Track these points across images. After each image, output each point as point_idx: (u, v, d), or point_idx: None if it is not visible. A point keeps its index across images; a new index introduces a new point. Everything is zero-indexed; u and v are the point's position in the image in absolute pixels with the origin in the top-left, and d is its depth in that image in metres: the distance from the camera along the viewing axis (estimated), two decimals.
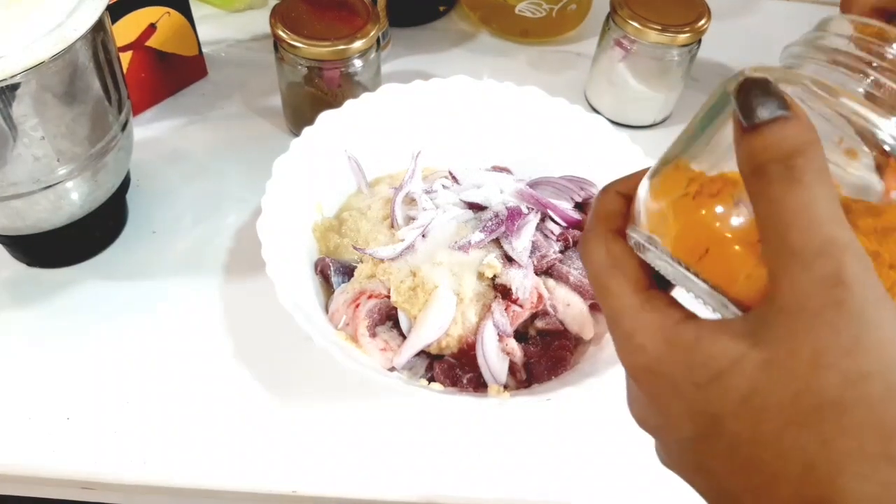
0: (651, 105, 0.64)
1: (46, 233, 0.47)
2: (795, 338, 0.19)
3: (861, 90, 0.21)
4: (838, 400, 0.18)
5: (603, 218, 0.25)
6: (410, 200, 0.50)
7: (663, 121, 0.66)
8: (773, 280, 0.20)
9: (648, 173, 0.25)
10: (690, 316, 0.22)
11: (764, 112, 0.20)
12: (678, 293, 0.24)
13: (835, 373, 0.18)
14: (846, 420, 0.18)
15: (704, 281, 0.22)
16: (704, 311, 0.23)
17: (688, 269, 0.22)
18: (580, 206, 0.52)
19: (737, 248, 0.21)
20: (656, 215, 0.23)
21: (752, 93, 0.20)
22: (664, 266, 0.23)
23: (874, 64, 0.21)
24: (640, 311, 0.23)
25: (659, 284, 0.24)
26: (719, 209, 0.21)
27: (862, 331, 0.18)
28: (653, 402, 0.22)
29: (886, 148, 0.20)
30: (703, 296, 0.22)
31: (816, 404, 0.19)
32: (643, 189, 0.24)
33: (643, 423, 0.24)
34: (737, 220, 0.21)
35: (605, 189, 0.27)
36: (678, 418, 0.21)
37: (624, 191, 0.26)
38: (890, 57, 0.21)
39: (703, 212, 0.22)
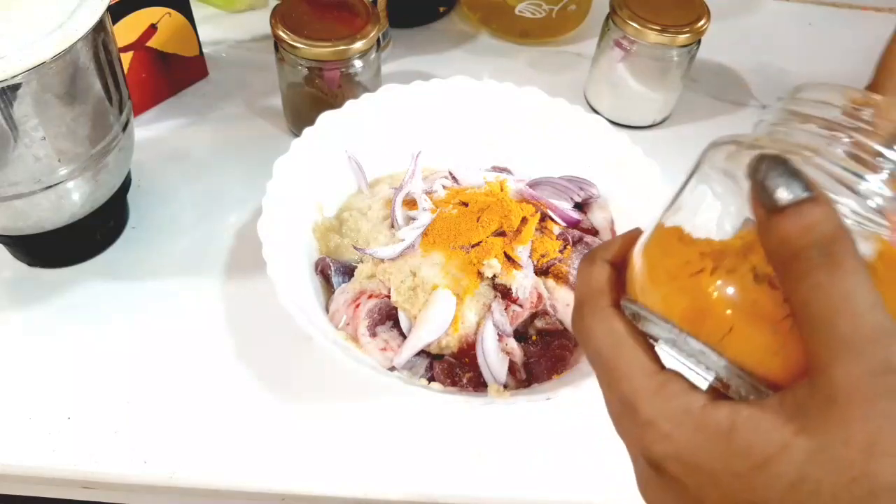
0: (651, 105, 0.64)
1: (47, 233, 0.47)
2: (849, 426, 0.19)
3: (840, 150, 0.21)
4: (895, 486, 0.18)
5: (597, 292, 0.24)
6: (410, 200, 0.50)
7: (663, 121, 0.66)
8: (819, 367, 0.19)
9: (642, 242, 0.23)
10: (716, 398, 0.21)
11: (787, 194, 0.20)
12: (670, 360, 0.23)
13: (892, 460, 0.18)
14: None
15: (728, 360, 0.21)
16: (702, 382, 0.22)
17: (709, 348, 0.21)
18: (580, 206, 0.52)
19: (765, 326, 0.20)
20: (665, 293, 0.22)
21: (770, 173, 0.20)
22: (674, 342, 0.22)
23: (855, 126, 0.21)
24: (658, 395, 0.22)
25: None
26: (741, 288, 0.21)
27: None
28: (683, 492, 0.21)
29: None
30: (725, 373, 0.21)
31: (872, 490, 0.18)
32: (640, 261, 0.23)
33: None
34: (761, 299, 0.20)
35: (591, 258, 0.25)
36: None
37: (612, 259, 0.25)
38: (865, 119, 0.21)
39: (725, 292, 0.21)
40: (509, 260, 0.46)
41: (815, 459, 0.19)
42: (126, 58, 0.58)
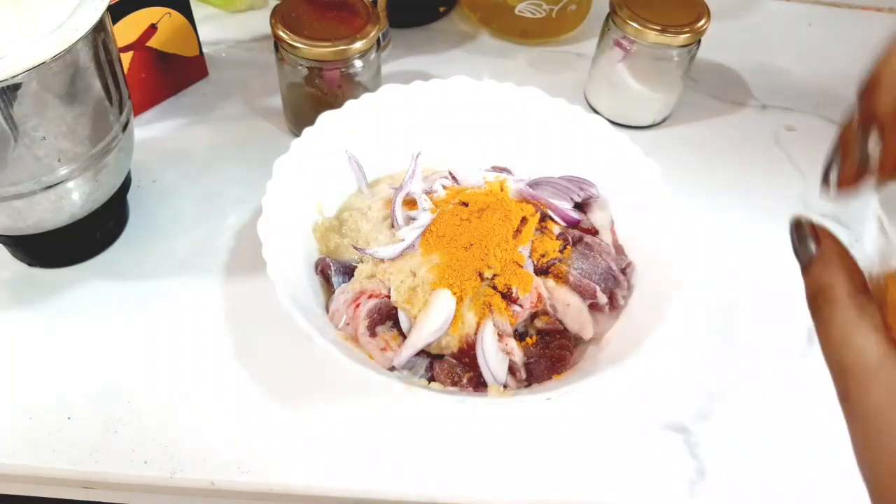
0: (650, 105, 0.64)
1: (47, 233, 0.47)
2: None
3: None
4: None
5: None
6: (410, 200, 0.50)
7: (663, 121, 0.66)
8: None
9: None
10: None
11: (804, 252, 0.25)
12: None
13: None
14: None
15: None
16: None
17: None
18: (580, 206, 0.52)
19: None
20: None
21: (795, 234, 0.26)
22: None
23: None
24: None
25: None
26: None
27: None
28: None
29: None
30: None
31: None
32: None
33: None
34: None
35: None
36: None
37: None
38: None
39: None
40: (509, 260, 0.46)
41: None
42: (126, 58, 0.58)
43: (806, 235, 0.25)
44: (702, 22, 0.59)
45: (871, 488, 0.22)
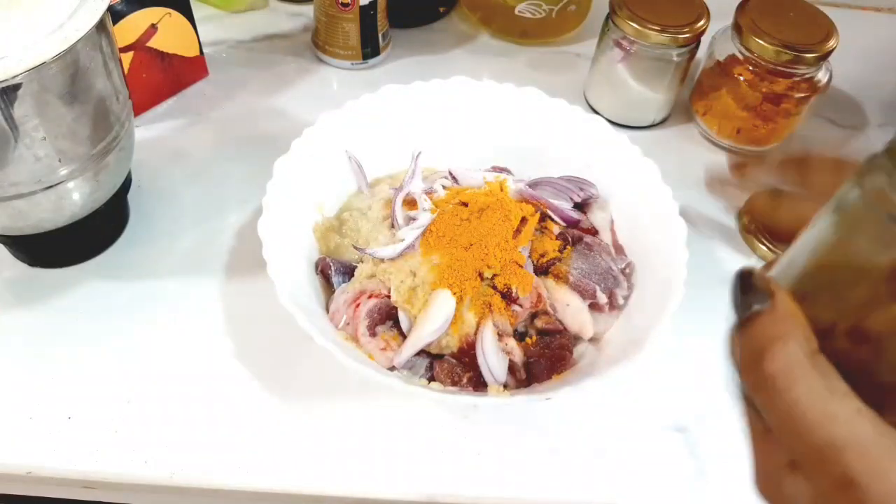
0: (650, 105, 0.64)
1: (48, 233, 0.47)
2: None
3: None
4: None
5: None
6: (410, 200, 0.50)
7: (663, 121, 0.66)
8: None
9: None
10: None
11: (743, 309, 0.22)
12: None
13: None
14: None
15: None
16: None
17: None
18: (580, 206, 0.52)
19: None
20: None
21: (734, 289, 0.23)
22: None
23: None
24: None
25: None
26: None
27: None
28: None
29: None
30: None
31: None
32: None
33: None
34: None
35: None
36: None
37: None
38: None
39: None
40: (509, 260, 0.46)
41: None
42: (126, 58, 0.58)
43: (754, 286, 0.22)
44: (702, 22, 0.59)
45: None
